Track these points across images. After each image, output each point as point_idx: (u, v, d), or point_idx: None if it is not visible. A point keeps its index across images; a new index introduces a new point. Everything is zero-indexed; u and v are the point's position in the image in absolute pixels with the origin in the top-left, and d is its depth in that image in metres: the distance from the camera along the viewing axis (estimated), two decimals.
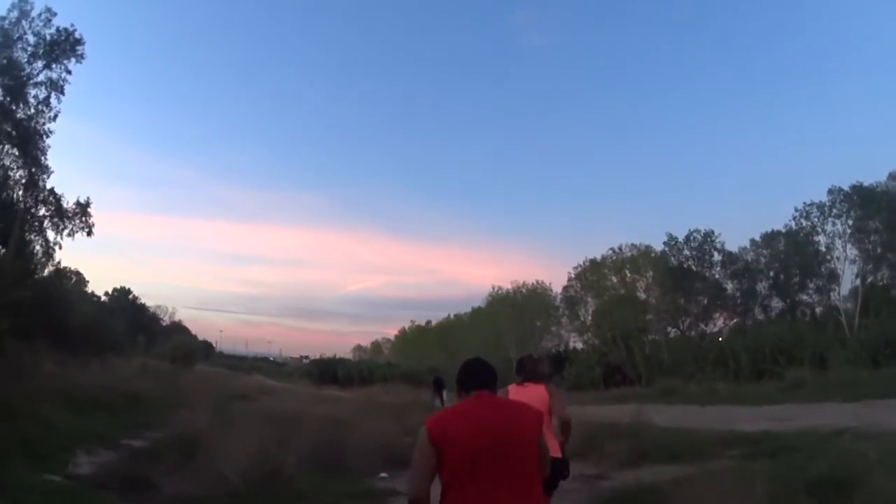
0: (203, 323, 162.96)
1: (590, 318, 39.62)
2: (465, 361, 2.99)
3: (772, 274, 35.14)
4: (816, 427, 10.83)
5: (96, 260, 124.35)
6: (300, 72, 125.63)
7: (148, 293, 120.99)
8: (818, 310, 33.91)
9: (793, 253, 33.46)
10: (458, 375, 2.92)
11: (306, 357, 61.19)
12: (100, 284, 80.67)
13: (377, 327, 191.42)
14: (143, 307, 64.73)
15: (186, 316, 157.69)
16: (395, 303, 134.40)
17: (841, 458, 7.11)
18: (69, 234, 25.80)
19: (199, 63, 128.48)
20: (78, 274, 59.89)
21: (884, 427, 9.85)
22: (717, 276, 35.88)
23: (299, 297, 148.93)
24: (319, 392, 34.90)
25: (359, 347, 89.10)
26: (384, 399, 19.67)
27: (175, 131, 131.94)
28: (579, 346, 41.71)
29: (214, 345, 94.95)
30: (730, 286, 35.96)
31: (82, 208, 25.93)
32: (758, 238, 35.86)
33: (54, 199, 25.34)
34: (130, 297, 63.48)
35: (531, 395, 4.98)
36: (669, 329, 36.00)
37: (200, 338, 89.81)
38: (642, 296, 36.40)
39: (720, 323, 36.20)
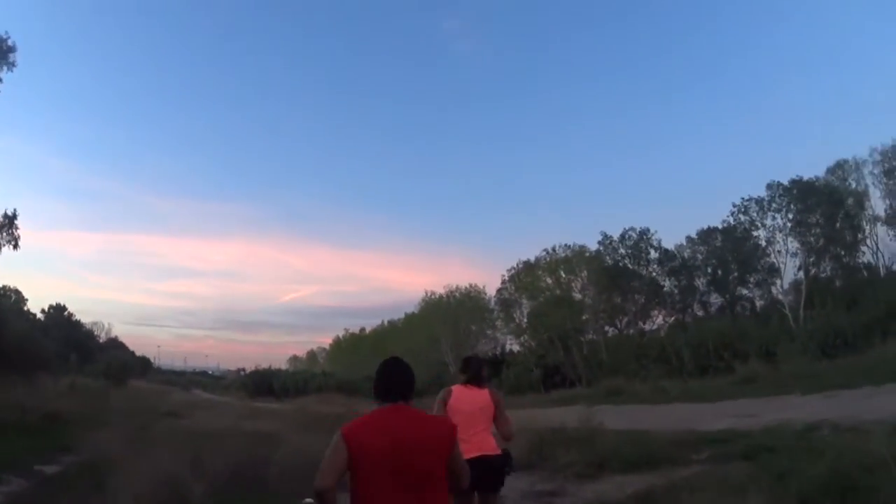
0: (141, 338, 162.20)
1: (525, 320, 39.05)
2: (383, 364, 2.98)
3: (710, 270, 35.06)
4: (785, 422, 10.13)
5: (33, 278, 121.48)
6: (230, 78, 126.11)
7: (85, 310, 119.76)
8: (759, 304, 33.96)
9: (731, 248, 33.47)
10: (375, 381, 2.91)
11: (243, 370, 60.14)
12: (36, 302, 77.37)
13: (313, 336, 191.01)
14: (77, 324, 61.97)
15: (124, 332, 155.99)
16: (330, 311, 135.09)
17: (839, 457, 6.06)
18: None
19: (129, 70, 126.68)
20: (17, 292, 58.61)
21: (861, 418, 9.09)
22: (653, 274, 35.67)
23: (234, 310, 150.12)
24: (254, 405, 33.67)
25: (294, 358, 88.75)
26: (319, 409, 18.68)
27: (107, 143, 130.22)
28: (516, 348, 41.04)
29: (153, 360, 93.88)
30: (667, 284, 35.71)
31: (9, 220, 24.91)
32: (694, 235, 35.68)
33: None
34: (66, 313, 60.89)
35: (475, 397, 5.02)
36: (607, 328, 35.59)
37: (138, 353, 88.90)
38: (578, 296, 35.92)
39: (659, 320, 35.96)
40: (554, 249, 37.79)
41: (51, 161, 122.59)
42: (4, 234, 24.74)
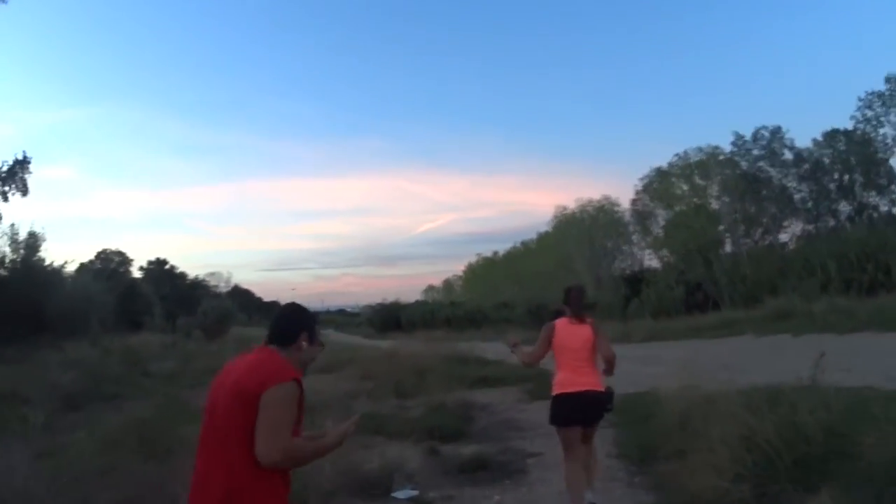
0: (277, 283, 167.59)
1: (662, 232, 38.30)
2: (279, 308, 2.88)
3: (836, 176, 33.24)
4: None
5: (162, 238, 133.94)
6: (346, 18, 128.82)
7: (217, 263, 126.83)
8: (887, 210, 32.12)
9: (855, 151, 31.73)
10: None
11: (380, 305, 62.03)
12: (177, 264, 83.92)
13: (450, 265, 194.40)
14: (180, 276, 65.43)
15: (259, 279, 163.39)
16: (467, 238, 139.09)
17: None
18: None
19: (238, 20, 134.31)
20: (120, 254, 62.55)
21: None
22: (785, 180, 34.12)
23: (371, 246, 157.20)
24: (364, 343, 35.12)
25: (430, 288, 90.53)
26: (412, 350, 18.60)
27: (223, 95, 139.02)
28: (654, 264, 40.37)
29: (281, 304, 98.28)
30: (798, 190, 34.20)
31: (21, 165, 26.19)
32: (820, 137, 33.79)
33: None
34: (166, 267, 64.33)
35: (579, 332, 5.26)
36: (741, 240, 34.55)
37: (268, 298, 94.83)
38: (714, 205, 35.04)
39: (792, 231, 34.73)
40: (686, 153, 36.55)
41: (168, 122, 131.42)
42: (15, 180, 26.00)
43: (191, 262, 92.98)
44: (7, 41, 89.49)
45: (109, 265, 61.08)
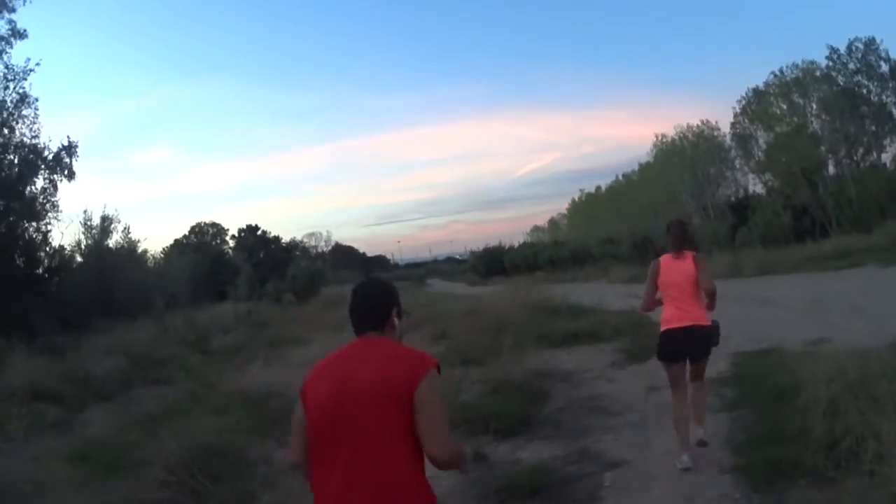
0: (382, 238, 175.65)
1: (763, 156, 37.36)
2: (354, 288, 2.65)
3: None
4: None
5: (263, 205, 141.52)
6: None
7: (320, 223, 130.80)
8: None
9: None
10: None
11: (483, 250, 62.54)
12: (281, 230, 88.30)
13: (556, 205, 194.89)
14: (274, 241, 66.65)
15: (364, 235, 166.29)
16: (571, 177, 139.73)
17: None
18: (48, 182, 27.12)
19: None
20: (214, 225, 66.72)
21: None
22: (882, 95, 32.65)
23: (475, 191, 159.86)
24: (465, 292, 35.63)
25: (536, 228, 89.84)
26: (498, 303, 17.69)
27: (311, 55, 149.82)
28: (759, 189, 39.61)
29: (389, 257, 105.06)
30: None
31: (67, 150, 27.31)
32: None
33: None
34: (259, 232, 65.91)
35: (683, 267, 5.39)
36: (844, 161, 33.58)
37: (372, 254, 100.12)
38: (815, 124, 34.18)
39: (893, 150, 33.28)
40: (782, 72, 35.47)
41: (260, 90, 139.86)
42: (62, 165, 27.01)
43: (294, 225, 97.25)
44: (89, 29, 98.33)
45: (204, 238, 65.61)
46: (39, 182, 26.96)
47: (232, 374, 11.85)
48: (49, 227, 28.08)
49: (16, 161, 26.18)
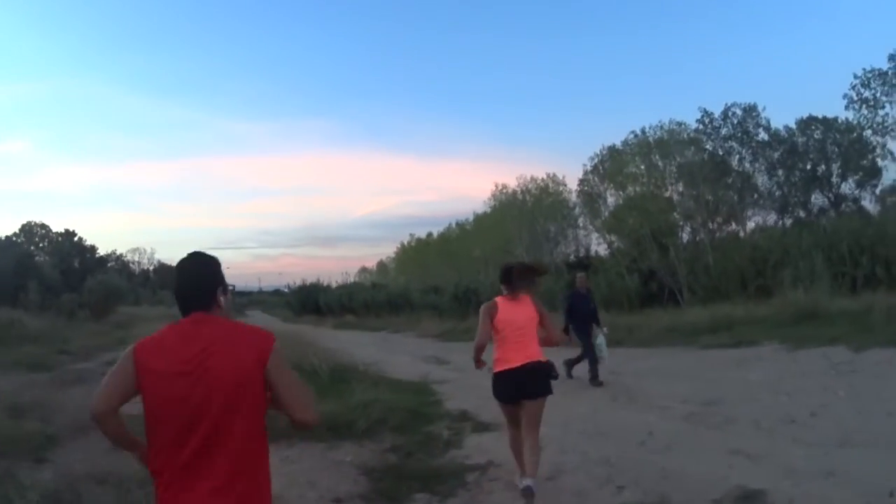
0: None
1: (610, 215, 35.42)
2: (178, 264, 2.57)
3: (808, 165, 31.16)
4: None
5: (106, 213, 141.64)
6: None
7: (161, 241, 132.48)
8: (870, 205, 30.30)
9: (834, 140, 30.08)
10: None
11: (299, 287, 60.29)
12: (112, 242, 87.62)
13: (390, 249, 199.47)
14: (90, 250, 63.87)
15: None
16: (409, 222, 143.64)
17: None
18: None
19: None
20: (44, 227, 63.58)
21: None
22: (753, 164, 31.87)
23: (312, 226, 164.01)
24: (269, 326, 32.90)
25: (363, 270, 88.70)
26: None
27: (178, 73, 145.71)
28: (602, 250, 37.88)
29: None
30: (772, 175, 31.77)
31: None
32: (792, 125, 31.80)
33: None
34: (76, 239, 63.00)
35: (521, 309, 5.55)
36: (698, 228, 31.94)
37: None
38: (673, 188, 32.49)
39: (754, 221, 32.53)
40: (643, 131, 33.59)
41: (122, 97, 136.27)
42: None
43: (133, 239, 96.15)
44: None
45: (33, 238, 62.74)
46: None
47: None
48: None
49: None
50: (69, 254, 58.93)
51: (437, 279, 46.10)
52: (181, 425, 2.26)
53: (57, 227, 64.45)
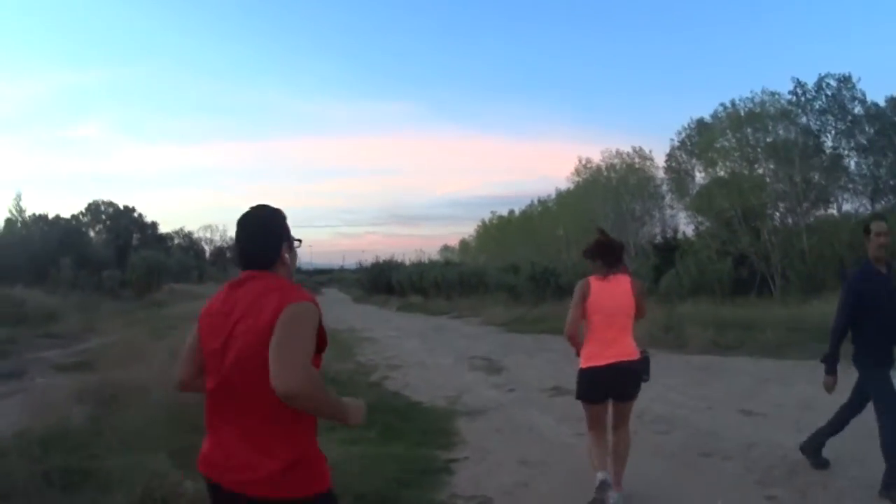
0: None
1: (699, 194, 33.94)
2: (240, 217, 2.45)
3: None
4: None
5: (188, 196, 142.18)
6: None
7: (232, 219, 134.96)
8: None
9: None
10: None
11: (372, 263, 59.65)
12: (189, 221, 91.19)
13: (474, 228, 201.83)
14: (150, 226, 65.57)
15: None
16: (494, 202, 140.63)
17: None
18: None
19: None
20: (111, 205, 63.97)
21: None
22: (840, 144, 30.18)
23: (395, 205, 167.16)
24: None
25: (445, 248, 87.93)
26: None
27: (259, 55, 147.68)
28: (689, 231, 36.56)
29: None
30: (863, 153, 30.08)
31: None
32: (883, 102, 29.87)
33: None
34: (136, 214, 64.26)
35: (617, 290, 4.87)
36: (786, 211, 30.57)
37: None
38: (764, 166, 31.02)
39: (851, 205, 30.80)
40: (733, 104, 31.95)
41: (196, 82, 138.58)
42: None
43: (207, 218, 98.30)
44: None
45: (99, 216, 63.17)
46: None
47: None
48: None
49: None
50: (126, 230, 59.54)
51: (518, 258, 45.35)
52: (214, 380, 2.29)
53: (117, 202, 65.52)
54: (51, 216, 49.91)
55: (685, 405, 8.67)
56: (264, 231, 2.40)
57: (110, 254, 47.18)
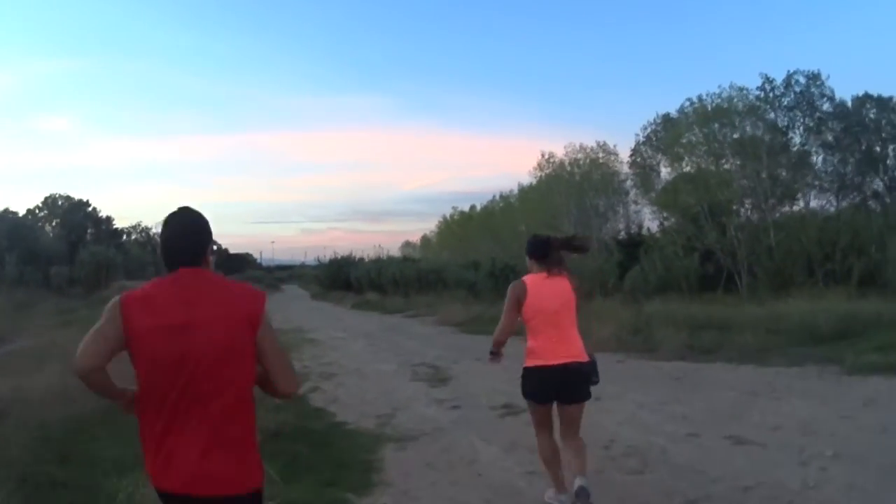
0: (258, 238, 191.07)
1: (664, 190, 33.67)
2: (167, 218, 2.53)
3: (864, 146, 29.70)
4: None
5: (153, 190, 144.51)
6: None
7: (208, 215, 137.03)
8: None
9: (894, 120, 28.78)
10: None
11: (331, 260, 58.86)
12: (147, 216, 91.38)
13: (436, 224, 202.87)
14: (104, 221, 64.11)
15: (244, 231, 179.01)
16: (456, 198, 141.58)
17: None
18: None
19: None
20: (67, 198, 61.44)
21: None
22: (807, 139, 30.22)
23: (360, 201, 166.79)
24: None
25: (407, 244, 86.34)
26: None
27: (231, 50, 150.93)
28: (654, 227, 36.32)
29: (257, 257, 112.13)
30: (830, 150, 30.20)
31: None
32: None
33: None
34: (90, 209, 62.83)
35: (557, 289, 4.68)
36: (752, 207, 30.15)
37: (241, 251, 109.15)
38: (731, 161, 30.41)
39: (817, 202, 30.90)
40: (700, 99, 31.36)
41: (164, 74, 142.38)
42: None
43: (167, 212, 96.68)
44: None
45: (56, 211, 61.46)
46: None
47: None
48: None
49: None
50: (79, 225, 58.06)
51: (479, 255, 44.62)
52: (168, 381, 2.27)
53: (94, 202, 64.49)
54: (4, 210, 48.30)
55: (662, 430, 7.35)
56: (195, 229, 2.49)
57: (62, 249, 45.96)
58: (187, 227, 2.49)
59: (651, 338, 13.98)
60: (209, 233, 2.53)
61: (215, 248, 2.48)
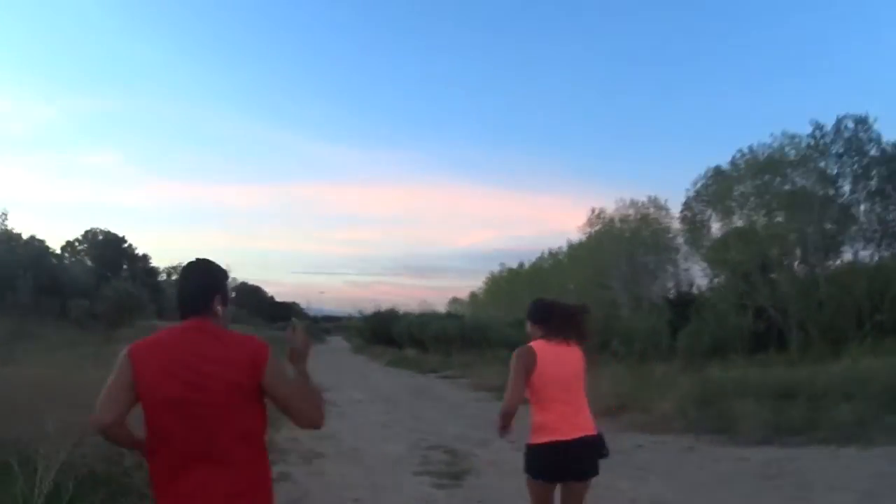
0: (306, 287, 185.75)
1: (714, 246, 32.62)
2: (182, 268, 2.69)
3: None
4: None
5: (197, 235, 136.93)
6: (391, 26, 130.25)
7: (251, 262, 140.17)
8: None
9: None
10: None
11: (374, 313, 58.90)
12: (190, 258, 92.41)
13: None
14: (141, 259, 64.96)
15: (292, 280, 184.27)
16: (506, 255, 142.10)
17: None
18: None
19: (291, 20, 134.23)
20: (106, 233, 62.73)
21: None
22: (855, 189, 29.03)
23: (408, 255, 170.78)
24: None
25: (454, 300, 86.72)
26: None
27: (272, 95, 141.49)
28: (703, 284, 35.41)
29: (304, 306, 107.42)
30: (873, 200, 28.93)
31: None
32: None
33: None
34: (125, 245, 63.62)
35: (568, 357, 4.38)
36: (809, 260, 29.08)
37: (288, 299, 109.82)
38: (782, 215, 29.56)
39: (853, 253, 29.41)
40: (751, 149, 30.91)
41: (212, 119, 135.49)
42: None
43: (215, 257, 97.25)
44: (54, 25, 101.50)
45: (96, 244, 62.50)
46: None
47: None
48: None
49: None
50: (114, 261, 58.48)
51: (522, 310, 44.25)
52: (173, 427, 2.32)
53: (134, 241, 65.15)
54: (44, 241, 49.12)
55: None
56: (199, 281, 2.57)
57: (89, 282, 44.91)
58: (191, 278, 2.58)
59: (726, 412, 11.30)
60: (216, 284, 2.57)
61: (230, 297, 2.64)
